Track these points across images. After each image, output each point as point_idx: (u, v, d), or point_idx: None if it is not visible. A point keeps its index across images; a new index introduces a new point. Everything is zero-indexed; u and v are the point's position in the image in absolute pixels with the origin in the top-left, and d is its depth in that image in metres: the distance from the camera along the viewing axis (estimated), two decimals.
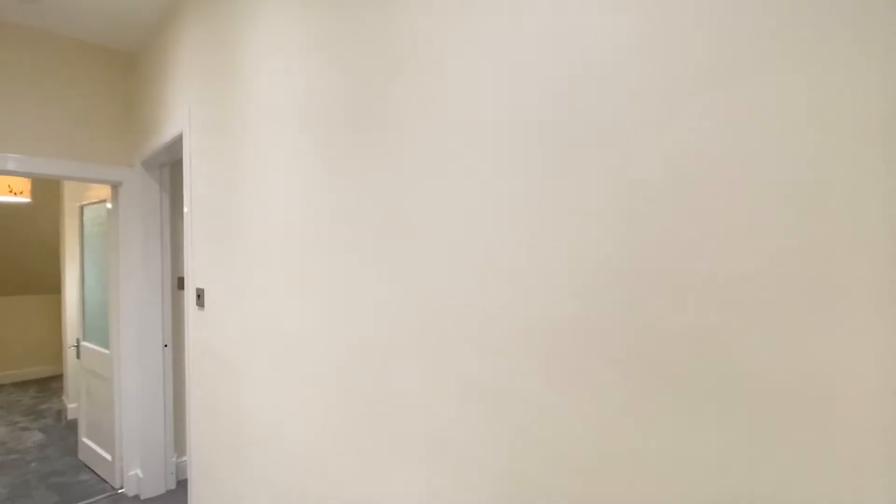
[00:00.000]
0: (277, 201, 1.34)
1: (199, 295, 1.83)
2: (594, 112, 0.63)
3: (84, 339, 3.04)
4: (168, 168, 2.72)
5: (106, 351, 2.76)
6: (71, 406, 3.91)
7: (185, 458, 2.84)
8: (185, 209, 1.96)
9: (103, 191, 2.79)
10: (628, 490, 0.60)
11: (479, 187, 0.78)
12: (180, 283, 2.81)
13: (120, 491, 2.69)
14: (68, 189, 3.78)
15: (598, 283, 0.63)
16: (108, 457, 2.76)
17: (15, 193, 3.37)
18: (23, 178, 3.49)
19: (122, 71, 2.65)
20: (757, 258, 0.49)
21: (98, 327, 2.92)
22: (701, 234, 0.53)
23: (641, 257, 0.58)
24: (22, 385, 4.90)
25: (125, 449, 2.66)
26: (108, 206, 2.69)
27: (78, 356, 3.05)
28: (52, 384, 4.94)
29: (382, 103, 0.97)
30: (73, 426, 3.75)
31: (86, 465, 3.02)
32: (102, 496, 2.64)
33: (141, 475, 2.62)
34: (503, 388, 0.75)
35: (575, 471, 0.65)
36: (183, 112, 1.97)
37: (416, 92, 0.89)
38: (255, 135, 1.45)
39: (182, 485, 2.77)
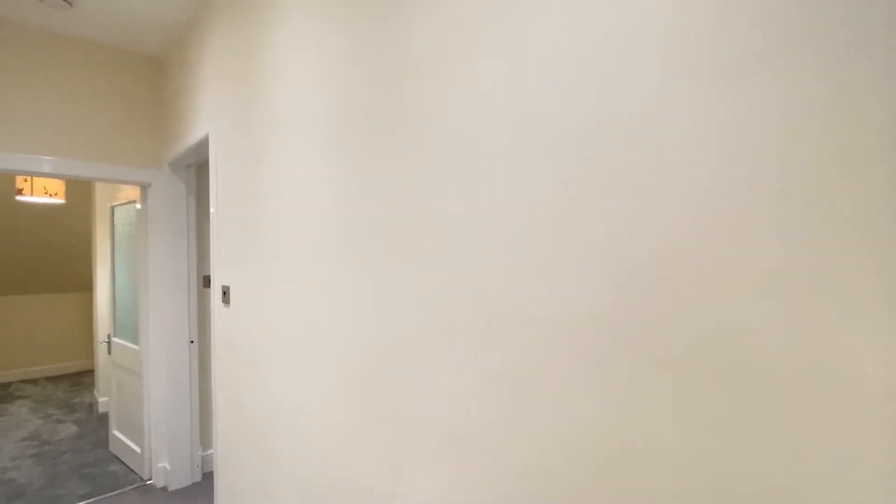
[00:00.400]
0: (300, 201, 1.37)
1: (225, 292, 1.88)
2: (619, 103, 0.63)
3: (115, 335, 3.16)
4: (194, 169, 2.80)
5: (135, 346, 2.85)
6: (102, 400, 4.05)
7: (210, 452, 2.92)
8: (212, 210, 2.01)
9: (133, 192, 2.89)
10: (658, 489, 0.60)
11: (505, 184, 0.79)
12: (206, 282, 2.89)
13: (149, 482, 2.78)
14: (99, 190, 3.91)
15: (626, 278, 0.63)
16: (138, 449, 2.85)
17: (50, 195, 3.51)
18: (57, 180, 3.63)
19: (151, 75, 2.74)
20: (783, 253, 0.49)
21: (128, 323, 3.03)
22: (732, 227, 0.53)
23: (670, 251, 0.58)
24: (55, 379, 5.10)
25: (153, 441, 2.75)
26: (138, 206, 2.79)
27: (109, 351, 3.16)
28: (83, 378, 5.12)
29: (403, 105, 0.99)
30: (104, 419, 3.89)
31: (116, 457, 3.13)
32: (132, 487, 2.73)
33: (168, 467, 2.70)
34: (527, 383, 0.76)
35: (600, 468, 0.66)
36: (209, 114, 2.03)
37: (438, 93, 0.91)
38: (278, 137, 1.49)
39: (207, 477, 2.84)
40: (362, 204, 1.12)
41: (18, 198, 3.47)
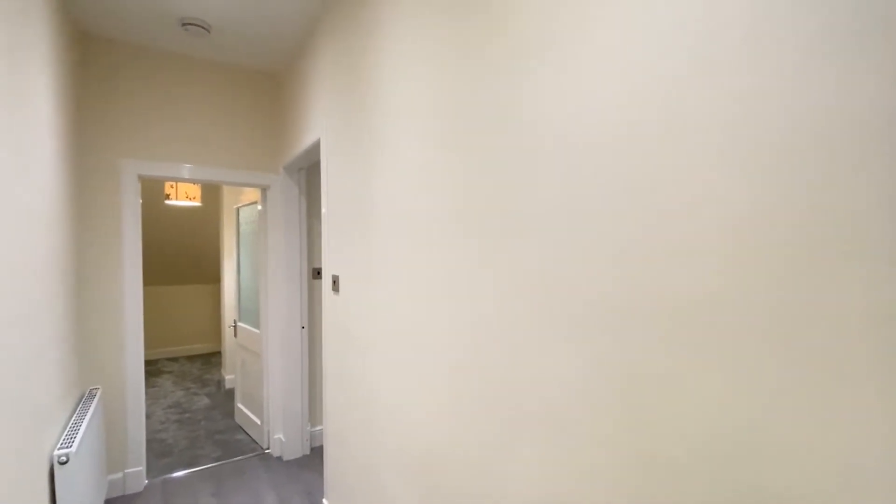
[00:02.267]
0: (405, 195, 1.47)
1: (335, 281, 2.07)
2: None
3: (240, 321, 3.60)
4: (304, 172, 3.09)
5: (257, 330, 3.23)
6: (228, 377, 4.63)
7: (317, 428, 3.21)
8: (323, 209, 2.22)
9: (254, 194, 3.27)
10: (785, 481, 0.57)
11: (609, 175, 0.79)
12: (315, 274, 3.19)
13: (267, 451, 3.13)
14: (226, 194, 4.48)
15: (745, 257, 0.61)
16: (258, 421, 3.23)
17: (190, 198, 4.09)
18: (194, 185, 4.23)
19: (269, 89, 3.09)
20: None
21: (250, 310, 3.43)
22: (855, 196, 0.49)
23: (806, 235, 0.55)
24: (191, 358, 5.92)
25: (271, 415, 3.10)
26: (259, 207, 3.15)
27: (235, 335, 3.61)
28: (212, 358, 5.89)
29: (506, 109, 1.03)
30: (230, 394, 4.44)
31: (240, 427, 3.57)
32: (253, 454, 3.10)
33: (283, 439, 3.02)
34: (637, 365, 0.76)
35: (717, 456, 0.64)
36: (319, 120, 2.25)
37: (540, 94, 0.93)
38: (384, 138, 1.61)
39: (315, 451, 3.13)
40: (466, 196, 1.18)
41: (167, 202, 4.09)
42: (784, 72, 0.56)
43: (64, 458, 1.66)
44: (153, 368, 5.45)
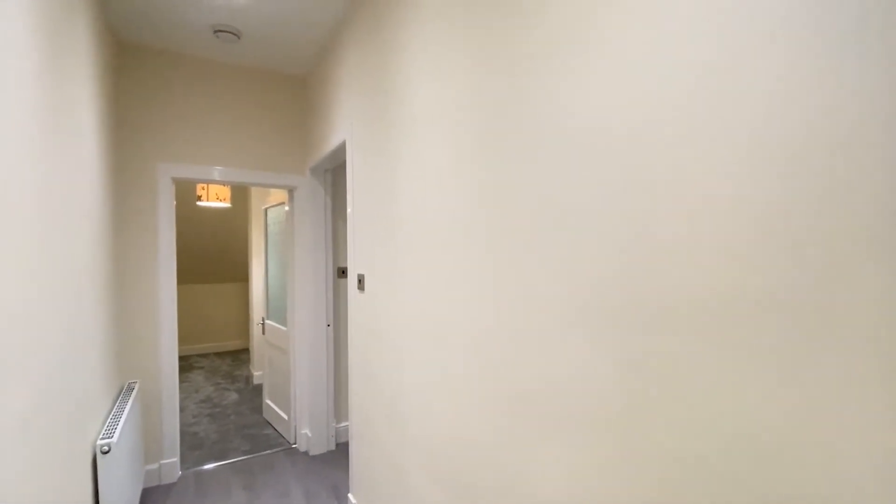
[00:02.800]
0: (429, 194, 1.49)
1: (360, 280, 2.11)
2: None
3: (268, 318, 3.69)
4: (330, 173, 3.15)
5: (284, 328, 3.31)
6: (256, 373, 4.75)
7: (343, 424, 3.27)
8: (349, 210, 2.26)
9: (281, 195, 3.35)
10: (816, 482, 0.56)
11: (633, 173, 0.79)
12: (340, 273, 3.24)
13: (293, 446, 3.20)
14: (255, 195, 4.59)
15: (780, 254, 0.60)
16: (285, 416, 3.31)
17: (220, 200, 4.22)
18: (224, 187, 4.36)
19: (295, 92, 3.16)
20: None
21: (278, 308, 3.52)
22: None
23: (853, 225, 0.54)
24: (220, 355, 6.10)
25: (297, 411, 3.17)
26: (286, 208, 3.22)
27: (263, 332, 3.70)
28: (241, 355, 6.05)
29: (535, 107, 1.03)
30: (258, 389, 4.56)
31: (268, 422, 3.66)
32: (280, 449, 3.18)
33: (310, 434, 3.09)
34: (669, 365, 0.75)
35: (762, 459, 0.63)
36: (345, 122, 2.29)
37: (570, 91, 0.93)
38: (409, 138, 1.63)
39: (340, 447, 3.19)
40: (488, 196, 1.19)
41: (199, 203, 4.23)
42: (812, 68, 0.55)
43: (106, 448, 1.74)
44: (185, 364, 5.64)
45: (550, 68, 0.98)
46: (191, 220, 5.62)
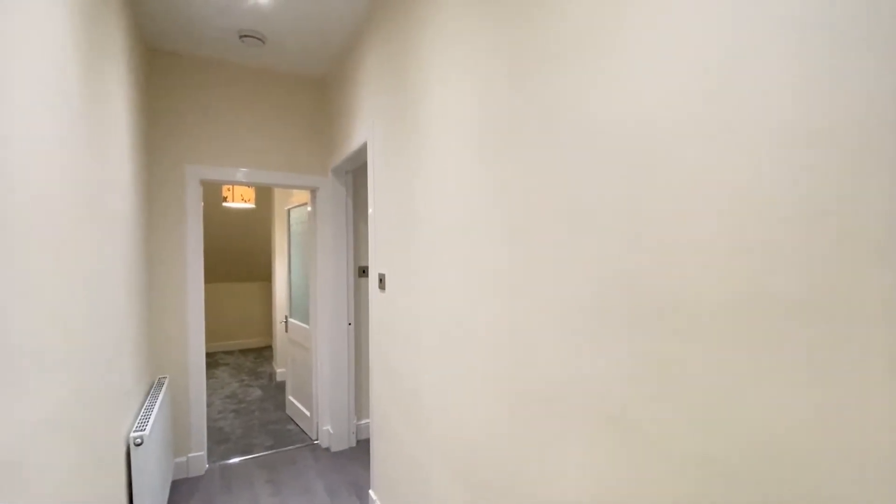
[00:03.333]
0: (450, 194, 1.50)
1: (381, 279, 2.14)
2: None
3: (290, 317, 3.76)
4: (351, 174, 3.19)
5: (306, 326, 3.37)
6: (279, 370, 4.85)
7: (363, 421, 3.31)
8: (370, 210, 2.29)
9: (304, 196, 3.41)
10: (839, 484, 0.55)
11: (653, 171, 0.79)
12: (361, 272, 3.29)
13: (315, 442, 3.26)
14: (278, 196, 4.69)
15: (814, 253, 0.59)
16: (307, 413, 3.37)
17: (245, 201, 4.32)
18: (249, 188, 4.46)
19: (317, 94, 3.21)
20: None
21: (300, 306, 3.59)
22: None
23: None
24: (244, 352, 6.24)
25: (319, 407, 3.22)
26: (308, 208, 3.28)
27: (286, 330, 3.78)
28: (264, 352, 6.19)
29: (547, 111, 1.03)
30: (280, 386, 4.66)
31: (291, 418, 3.73)
32: (303, 445, 3.24)
33: (331, 431, 3.14)
34: (692, 365, 0.75)
35: (771, 458, 0.63)
36: (366, 124, 2.32)
37: (594, 90, 0.93)
38: (429, 140, 1.65)
39: (361, 444, 3.23)
40: (508, 196, 1.19)
41: (224, 204, 4.34)
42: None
43: (139, 440, 1.81)
44: (211, 361, 5.79)
45: (575, 67, 0.98)
46: (217, 221, 5.77)
